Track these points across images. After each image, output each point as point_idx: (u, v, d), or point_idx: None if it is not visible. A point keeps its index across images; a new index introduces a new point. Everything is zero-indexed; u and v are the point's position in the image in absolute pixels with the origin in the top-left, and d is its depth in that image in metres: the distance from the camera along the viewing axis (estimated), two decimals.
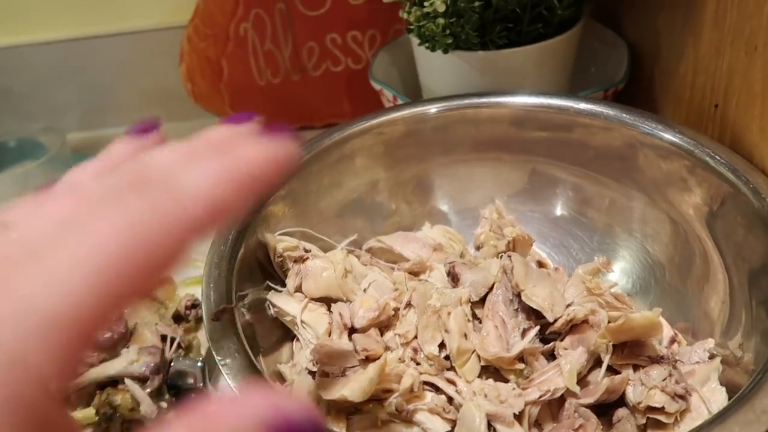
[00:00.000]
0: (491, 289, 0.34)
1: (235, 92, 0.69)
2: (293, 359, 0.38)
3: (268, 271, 0.40)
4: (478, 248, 0.46)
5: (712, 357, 0.33)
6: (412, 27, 0.49)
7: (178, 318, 0.46)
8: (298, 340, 0.38)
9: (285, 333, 0.40)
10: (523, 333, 0.32)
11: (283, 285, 0.40)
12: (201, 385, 0.40)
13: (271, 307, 0.38)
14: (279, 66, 0.68)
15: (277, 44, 0.67)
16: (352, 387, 0.29)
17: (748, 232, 0.33)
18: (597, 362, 0.33)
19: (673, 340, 0.36)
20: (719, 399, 0.30)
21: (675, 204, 0.38)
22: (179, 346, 0.42)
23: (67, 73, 0.71)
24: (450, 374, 0.32)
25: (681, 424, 0.30)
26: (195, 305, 0.46)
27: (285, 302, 0.38)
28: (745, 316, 0.32)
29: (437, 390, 0.31)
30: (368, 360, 0.31)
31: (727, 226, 0.34)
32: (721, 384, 0.31)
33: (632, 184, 0.40)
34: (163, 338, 0.42)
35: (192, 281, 0.51)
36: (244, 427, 0.15)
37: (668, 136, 0.37)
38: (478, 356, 0.32)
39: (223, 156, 0.18)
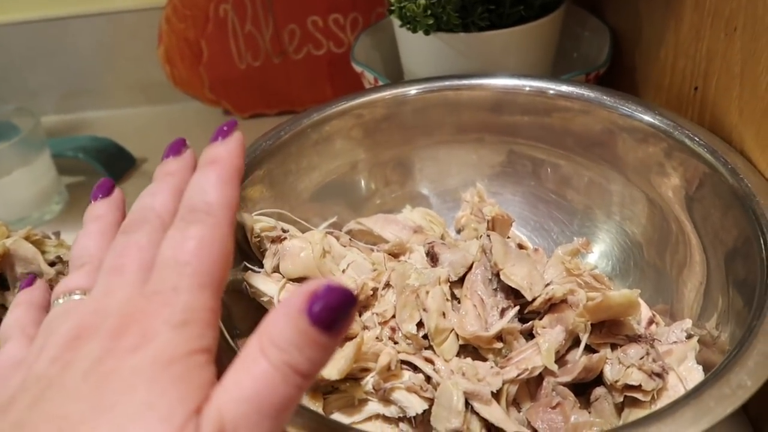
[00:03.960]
0: (470, 268, 0.34)
1: (215, 75, 0.68)
2: None
3: (246, 251, 0.40)
4: (458, 231, 0.46)
5: (689, 337, 0.34)
6: (393, 8, 0.48)
7: None
8: None
9: (262, 314, 0.39)
10: (502, 312, 0.32)
11: (261, 266, 0.39)
12: None
13: (248, 287, 0.38)
14: (259, 49, 0.67)
15: (257, 26, 0.66)
16: (329, 366, 0.29)
17: (725, 214, 0.33)
18: (575, 342, 0.33)
19: (651, 321, 0.36)
20: (696, 377, 0.30)
21: (654, 186, 0.38)
22: None
23: (42, 55, 0.70)
24: (428, 353, 0.31)
25: (658, 401, 0.30)
26: None
27: (262, 282, 0.37)
28: (722, 298, 0.33)
29: (415, 369, 0.31)
30: (345, 339, 0.31)
31: (705, 208, 0.34)
32: (698, 363, 0.31)
33: (612, 167, 0.40)
34: None
35: None
36: (293, 315, 0.18)
37: (647, 117, 0.37)
38: (457, 335, 0.31)
39: (206, 168, 0.23)
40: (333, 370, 0.29)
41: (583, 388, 0.32)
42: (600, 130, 0.39)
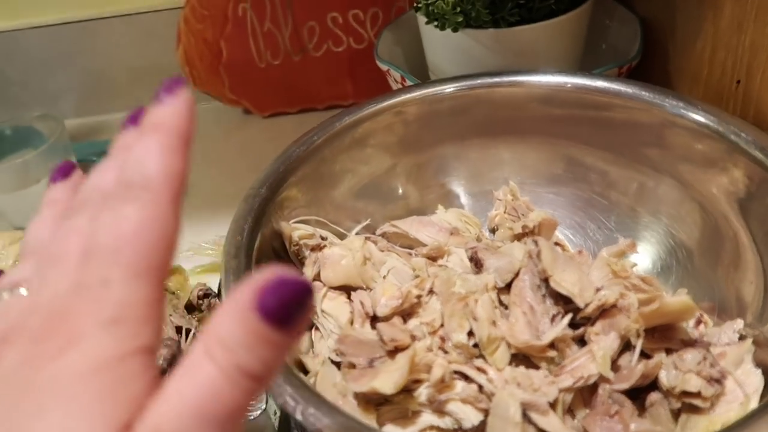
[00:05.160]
0: (517, 274, 0.33)
1: (235, 75, 0.68)
2: (313, 349, 0.37)
3: (284, 260, 0.39)
4: (492, 231, 0.45)
5: (741, 338, 0.33)
6: (419, 5, 0.48)
7: (190, 308, 0.45)
8: (317, 329, 0.38)
9: None
10: (552, 319, 0.31)
11: (300, 274, 0.39)
12: None
13: None
14: (279, 47, 0.66)
15: (276, 24, 0.65)
16: (384, 379, 0.29)
17: None
18: (626, 346, 0.32)
19: (699, 321, 0.35)
20: (754, 381, 0.30)
21: (702, 185, 0.37)
22: (195, 336, 0.41)
23: (61, 58, 0.69)
24: (479, 362, 0.31)
25: (716, 407, 0.29)
26: (207, 294, 0.45)
27: None
28: None
29: (467, 379, 0.31)
30: (396, 350, 0.31)
31: (761, 209, 0.33)
32: (756, 366, 0.30)
33: (655, 165, 0.39)
34: (178, 330, 0.41)
35: (203, 270, 0.50)
36: (241, 311, 0.16)
37: (697, 117, 0.36)
38: (508, 344, 0.31)
39: (146, 135, 0.19)
40: (388, 383, 0.29)
41: (636, 394, 0.32)
42: (645, 127, 0.38)
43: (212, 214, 0.58)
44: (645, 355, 0.32)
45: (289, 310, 0.16)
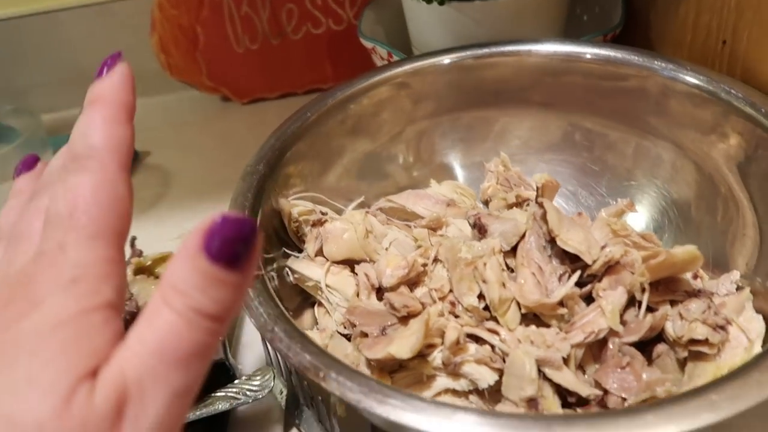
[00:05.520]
0: (522, 237, 0.33)
1: (213, 61, 0.66)
2: (318, 325, 0.37)
3: (283, 238, 0.39)
4: (485, 202, 0.45)
5: (738, 289, 0.34)
6: None
7: None
8: (320, 305, 0.37)
9: (304, 299, 0.39)
10: (560, 278, 0.32)
11: (299, 251, 0.38)
12: (221, 357, 0.39)
13: (290, 273, 0.37)
14: (257, 31, 0.65)
15: (254, 7, 0.64)
16: (400, 344, 0.29)
17: None
18: (630, 302, 0.33)
19: (695, 276, 0.36)
20: (757, 327, 0.31)
21: (696, 143, 0.38)
22: None
23: (31, 51, 0.67)
24: (490, 324, 0.31)
25: (722, 354, 0.30)
26: None
27: (306, 267, 0.36)
28: None
29: (478, 341, 0.31)
30: (408, 316, 0.31)
31: (758, 168, 0.34)
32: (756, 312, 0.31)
33: (650, 128, 0.40)
34: None
35: None
36: (191, 256, 0.17)
37: (690, 78, 0.36)
38: (518, 304, 0.31)
39: (88, 109, 0.21)
40: (404, 348, 0.29)
41: (642, 347, 0.33)
42: (641, 93, 0.39)
43: (197, 202, 0.58)
44: (649, 309, 0.32)
45: (234, 248, 0.17)
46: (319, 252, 0.37)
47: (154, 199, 0.59)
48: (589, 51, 0.40)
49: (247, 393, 0.35)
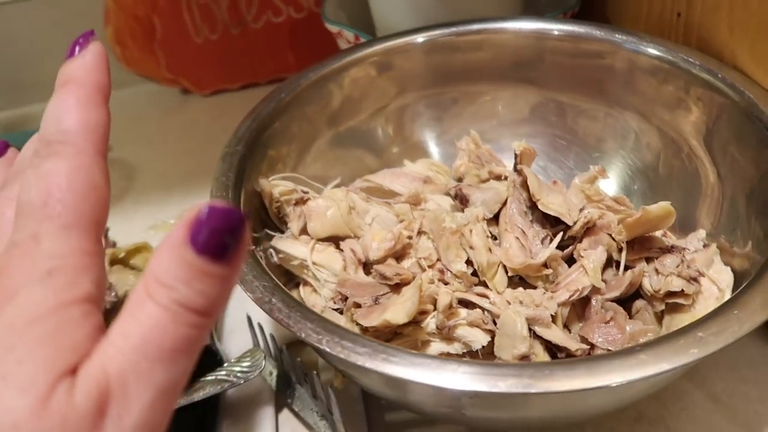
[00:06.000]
0: (503, 204, 0.34)
1: (171, 52, 0.65)
2: (305, 304, 0.37)
3: (264, 219, 0.39)
4: (459, 180, 0.46)
5: (705, 246, 0.36)
6: None
7: None
8: (306, 284, 0.37)
9: (287, 281, 0.39)
10: (542, 241, 0.33)
11: (280, 233, 0.38)
12: (207, 342, 0.38)
13: (275, 253, 0.37)
14: (216, 20, 0.65)
15: None
16: (395, 310, 0.29)
17: (737, 138, 0.35)
18: (607, 263, 0.34)
19: (663, 236, 0.38)
20: (726, 278, 0.32)
21: (659, 111, 0.40)
22: None
23: None
24: (479, 289, 0.32)
25: (696, 305, 0.32)
26: None
27: (290, 246, 0.36)
28: (742, 214, 0.35)
29: (467, 305, 0.32)
30: (401, 284, 0.31)
31: (720, 135, 0.36)
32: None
33: (616, 99, 0.42)
34: None
35: None
36: (176, 247, 0.16)
37: (653, 50, 0.38)
38: (504, 268, 0.32)
39: (60, 91, 0.20)
40: (400, 313, 0.29)
41: (620, 304, 0.34)
42: (607, 66, 0.41)
43: (164, 194, 0.57)
44: (626, 267, 0.34)
45: (221, 239, 0.16)
46: (303, 230, 0.37)
47: (119, 194, 0.57)
48: (555, 27, 0.41)
49: (238, 375, 0.35)
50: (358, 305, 0.31)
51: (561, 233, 0.33)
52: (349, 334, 0.25)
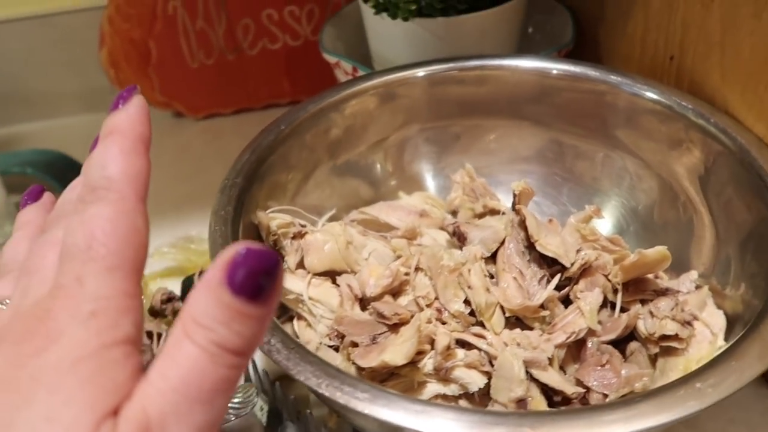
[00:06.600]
0: (502, 243, 0.35)
1: (165, 76, 0.65)
2: (298, 339, 0.37)
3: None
4: (453, 213, 0.47)
5: (697, 288, 0.36)
6: None
7: (153, 313, 0.43)
8: (300, 318, 0.37)
9: (281, 314, 0.38)
10: (539, 282, 0.33)
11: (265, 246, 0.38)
12: None
13: None
14: (213, 46, 0.65)
15: (209, 22, 0.63)
16: (393, 351, 0.29)
17: (733, 183, 0.36)
18: (602, 304, 0.34)
19: (656, 277, 0.39)
20: (719, 321, 0.33)
21: (655, 154, 0.40)
22: None
23: None
24: (476, 329, 0.32)
25: (689, 348, 0.32)
26: (171, 299, 0.43)
27: (287, 280, 0.36)
28: (734, 260, 0.35)
29: (464, 346, 0.32)
30: (399, 324, 0.31)
31: (716, 180, 0.37)
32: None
33: (613, 140, 0.42)
34: (149, 335, 0.39)
35: (160, 274, 0.48)
36: (213, 288, 0.17)
37: (650, 94, 0.39)
38: (502, 308, 0.32)
39: (105, 141, 0.20)
40: (398, 355, 0.29)
41: (615, 345, 0.34)
42: (607, 107, 0.41)
43: (158, 218, 0.55)
44: (621, 309, 0.34)
45: (258, 280, 0.17)
46: (300, 264, 0.37)
47: None
48: (554, 66, 0.42)
49: (230, 411, 0.35)
50: (355, 344, 0.31)
51: (558, 274, 0.33)
52: (348, 378, 0.25)
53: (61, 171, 0.60)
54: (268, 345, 0.27)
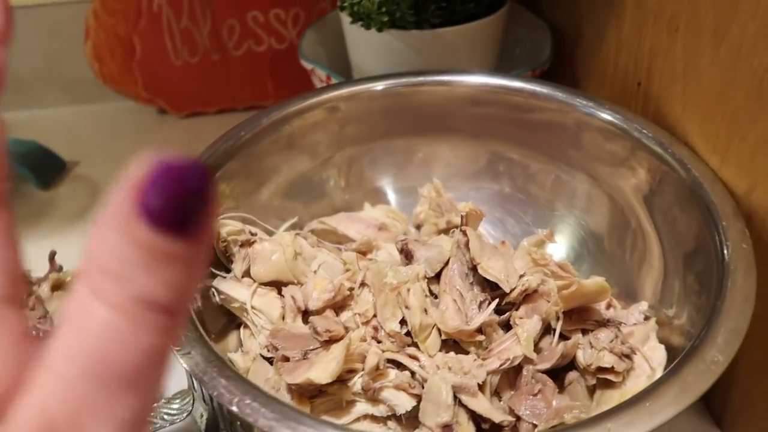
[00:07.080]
0: (446, 264, 0.34)
1: (149, 72, 0.65)
2: (242, 347, 0.37)
3: (214, 258, 0.39)
4: (417, 227, 0.46)
5: (646, 318, 0.36)
6: (345, 4, 0.48)
7: None
8: (246, 326, 0.37)
9: (230, 320, 0.38)
10: (480, 305, 0.33)
11: (227, 271, 0.38)
12: None
13: (216, 294, 0.37)
14: (197, 44, 0.65)
15: (194, 21, 0.63)
16: (319, 369, 0.29)
17: (680, 205, 0.35)
18: (546, 330, 0.34)
19: (608, 305, 0.38)
20: (659, 356, 0.32)
21: (610, 178, 0.40)
22: None
23: None
24: (411, 350, 0.32)
25: (627, 381, 0.32)
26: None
27: (232, 288, 0.36)
28: (678, 283, 0.35)
29: (399, 366, 0.32)
30: (331, 341, 0.31)
31: (662, 200, 0.36)
32: (659, 342, 0.33)
33: (570, 161, 0.42)
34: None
35: None
36: (122, 222, 0.12)
37: (608, 116, 0.39)
38: (439, 330, 0.32)
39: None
40: (324, 373, 0.29)
41: (556, 374, 0.34)
42: (562, 127, 0.41)
43: None
44: (563, 337, 0.34)
45: (183, 204, 0.12)
46: (247, 273, 0.37)
47: (81, 211, 0.57)
48: (516, 84, 0.42)
49: (165, 417, 0.35)
50: (287, 358, 0.31)
51: (498, 299, 0.33)
52: (261, 395, 0.25)
53: (37, 162, 0.60)
54: (189, 356, 0.27)
